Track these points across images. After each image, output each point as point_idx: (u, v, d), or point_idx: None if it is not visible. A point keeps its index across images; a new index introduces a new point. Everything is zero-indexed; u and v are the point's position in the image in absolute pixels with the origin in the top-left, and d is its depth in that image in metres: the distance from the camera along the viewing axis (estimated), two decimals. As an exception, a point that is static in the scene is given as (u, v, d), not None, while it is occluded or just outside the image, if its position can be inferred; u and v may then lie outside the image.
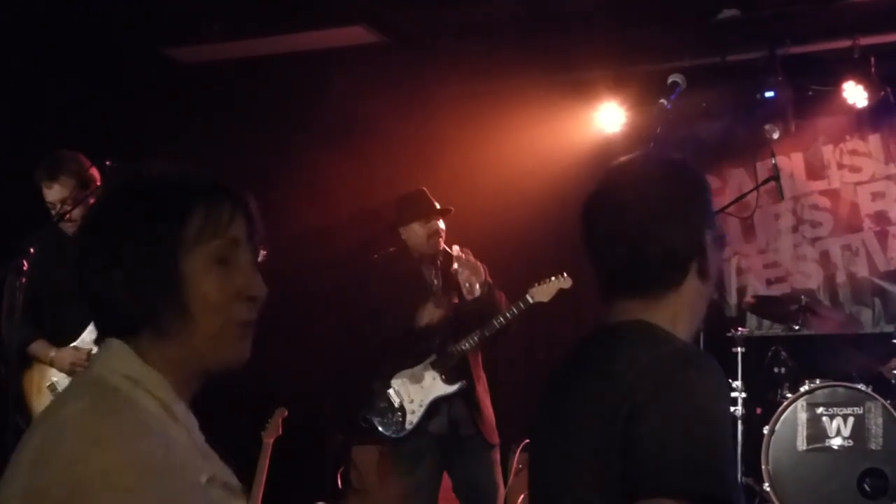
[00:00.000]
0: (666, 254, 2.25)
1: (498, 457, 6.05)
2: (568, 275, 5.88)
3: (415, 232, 6.05)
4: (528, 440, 6.91)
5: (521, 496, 6.99)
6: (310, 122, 8.17)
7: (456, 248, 5.88)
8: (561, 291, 5.91)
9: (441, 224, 6.03)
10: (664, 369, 2.11)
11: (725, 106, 8.52)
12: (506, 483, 6.40)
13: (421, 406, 5.88)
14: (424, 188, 6.16)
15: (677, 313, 2.28)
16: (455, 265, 5.89)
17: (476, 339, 5.86)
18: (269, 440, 6.15)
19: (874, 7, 7.28)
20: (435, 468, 5.96)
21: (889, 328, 8.18)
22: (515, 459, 7.27)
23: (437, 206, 6.05)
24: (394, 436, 5.95)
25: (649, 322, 2.25)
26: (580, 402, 2.22)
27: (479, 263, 5.92)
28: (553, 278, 5.91)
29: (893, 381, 6.88)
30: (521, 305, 5.88)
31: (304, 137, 8.16)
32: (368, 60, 7.76)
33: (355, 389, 6.36)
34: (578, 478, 2.15)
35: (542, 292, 5.90)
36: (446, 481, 6.04)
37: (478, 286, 5.86)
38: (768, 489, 6.71)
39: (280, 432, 6.21)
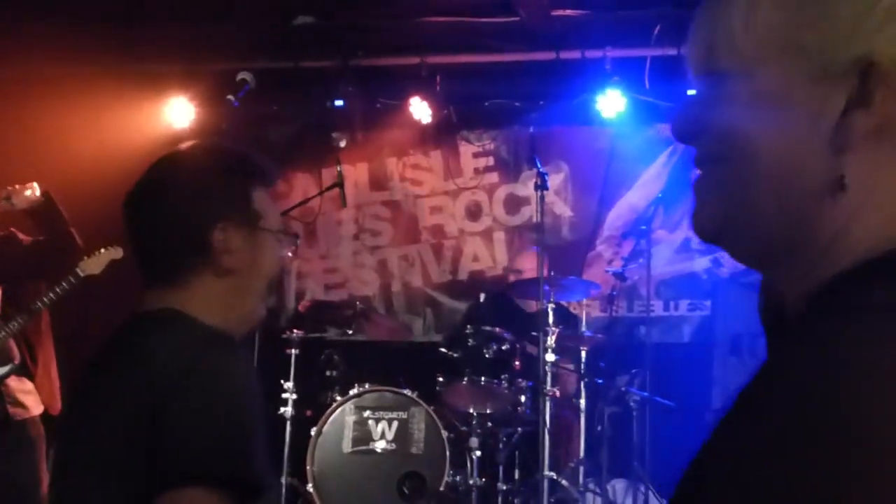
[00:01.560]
0: (188, 239, 2.19)
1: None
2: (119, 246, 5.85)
3: None
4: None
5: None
6: None
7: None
8: (113, 262, 5.85)
9: None
10: (187, 356, 2.06)
11: (295, 111, 8.64)
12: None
13: None
14: None
15: (209, 302, 2.20)
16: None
17: (22, 320, 5.64)
18: None
19: (442, 28, 7.58)
20: None
21: (438, 337, 8.54)
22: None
23: None
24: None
25: (176, 309, 2.18)
26: (106, 396, 2.11)
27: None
28: (103, 249, 5.85)
29: (438, 388, 7.16)
30: (72, 280, 5.74)
31: None
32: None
33: None
34: (102, 477, 2.03)
35: (92, 264, 5.81)
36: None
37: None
38: (311, 490, 6.80)
39: None
